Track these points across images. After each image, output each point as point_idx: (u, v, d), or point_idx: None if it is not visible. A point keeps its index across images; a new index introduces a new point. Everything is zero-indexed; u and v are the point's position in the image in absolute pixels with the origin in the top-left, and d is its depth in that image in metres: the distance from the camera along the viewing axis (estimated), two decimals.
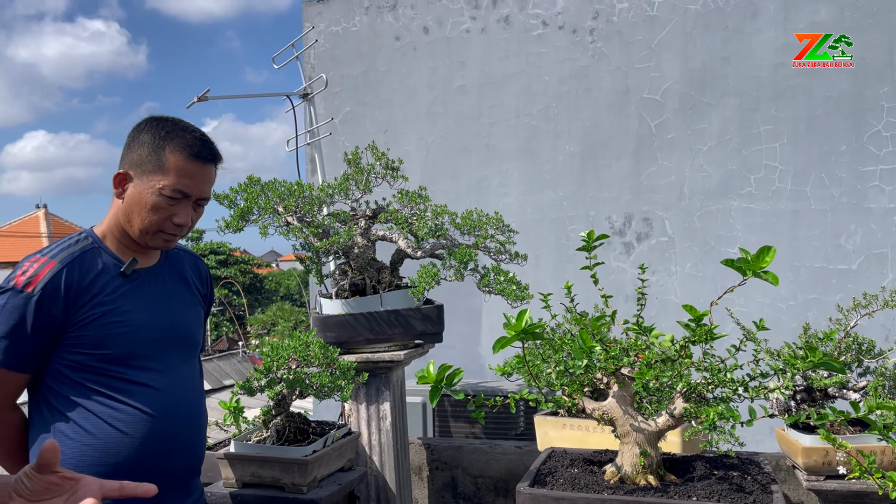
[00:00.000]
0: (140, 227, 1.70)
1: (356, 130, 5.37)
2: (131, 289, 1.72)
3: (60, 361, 1.65)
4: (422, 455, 2.98)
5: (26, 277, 1.61)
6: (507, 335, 1.27)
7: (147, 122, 1.77)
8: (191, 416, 1.77)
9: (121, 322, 1.66)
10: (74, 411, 1.64)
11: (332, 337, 2.48)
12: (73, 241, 1.72)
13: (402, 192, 2.68)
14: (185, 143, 1.71)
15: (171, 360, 1.75)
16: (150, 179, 1.68)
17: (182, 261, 1.92)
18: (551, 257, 4.97)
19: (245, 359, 19.05)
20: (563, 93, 4.95)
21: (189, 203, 1.73)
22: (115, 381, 1.66)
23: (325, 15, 5.56)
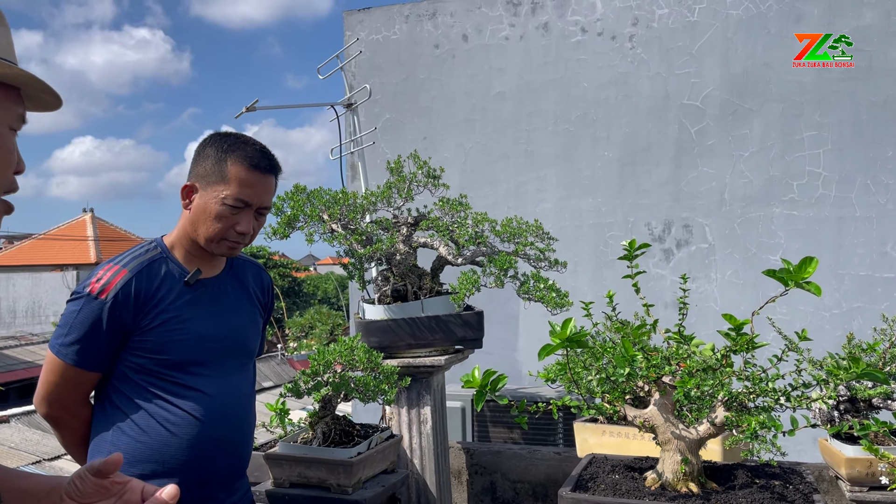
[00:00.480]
0: (205, 236, 1.79)
1: (395, 137, 5.44)
2: (194, 298, 1.81)
3: (125, 363, 1.75)
4: (461, 459, 3.02)
5: (101, 285, 1.72)
6: (552, 342, 1.30)
7: (211, 137, 1.88)
8: (237, 422, 1.85)
9: (180, 330, 1.76)
10: (132, 410, 1.74)
11: (374, 342, 2.54)
12: (143, 250, 1.83)
13: (443, 200, 2.72)
14: (245, 154, 1.80)
15: (225, 368, 1.84)
16: (213, 190, 1.78)
17: (245, 270, 2.00)
18: (589, 263, 4.97)
19: (283, 361, 19.32)
20: (602, 99, 4.95)
21: (251, 212, 1.82)
22: (171, 385, 1.75)
23: (366, 24, 5.64)
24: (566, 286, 2.64)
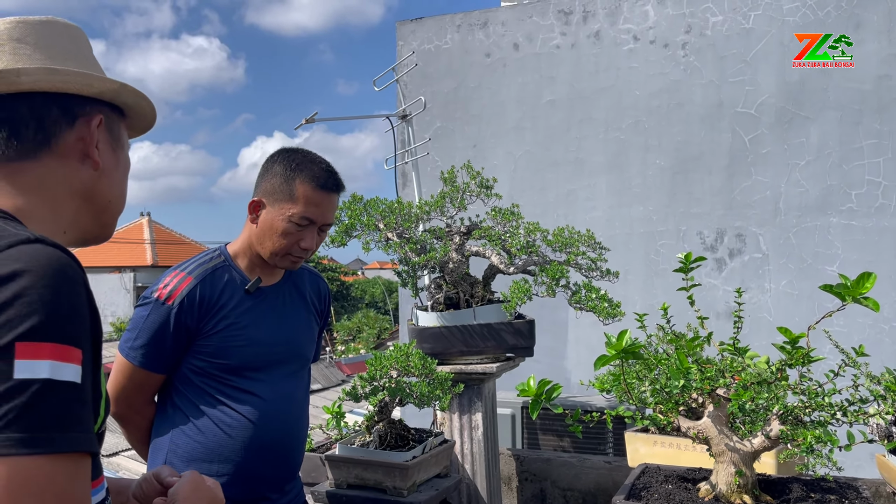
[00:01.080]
0: (271, 250, 1.87)
1: (446, 145, 5.51)
2: (253, 305, 1.89)
3: (187, 365, 1.83)
4: (511, 466, 3.05)
5: (168, 290, 1.81)
6: (607, 353, 1.34)
7: (279, 153, 1.95)
8: (290, 427, 1.92)
9: (239, 336, 1.83)
10: (191, 411, 1.82)
11: (427, 348, 2.59)
12: (208, 258, 1.92)
13: (496, 210, 2.77)
14: (313, 174, 1.87)
15: (280, 373, 1.91)
16: (281, 207, 1.85)
17: (303, 279, 2.08)
18: (640, 272, 4.95)
19: (332, 364, 19.56)
20: (654, 107, 4.94)
21: (315, 228, 1.89)
22: (228, 388, 1.83)
23: (418, 33, 5.73)
24: (616, 295, 2.65)
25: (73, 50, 1.09)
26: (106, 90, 1.08)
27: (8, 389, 0.78)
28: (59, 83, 1.04)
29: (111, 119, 1.11)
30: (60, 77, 1.04)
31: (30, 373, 0.79)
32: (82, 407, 0.83)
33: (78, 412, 0.82)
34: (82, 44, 1.12)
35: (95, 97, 1.08)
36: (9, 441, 0.76)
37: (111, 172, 1.11)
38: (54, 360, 0.81)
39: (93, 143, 1.06)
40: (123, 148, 1.14)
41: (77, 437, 0.81)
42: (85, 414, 0.84)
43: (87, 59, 1.11)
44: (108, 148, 1.10)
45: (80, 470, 0.82)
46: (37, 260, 0.84)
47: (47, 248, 0.87)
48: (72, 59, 1.08)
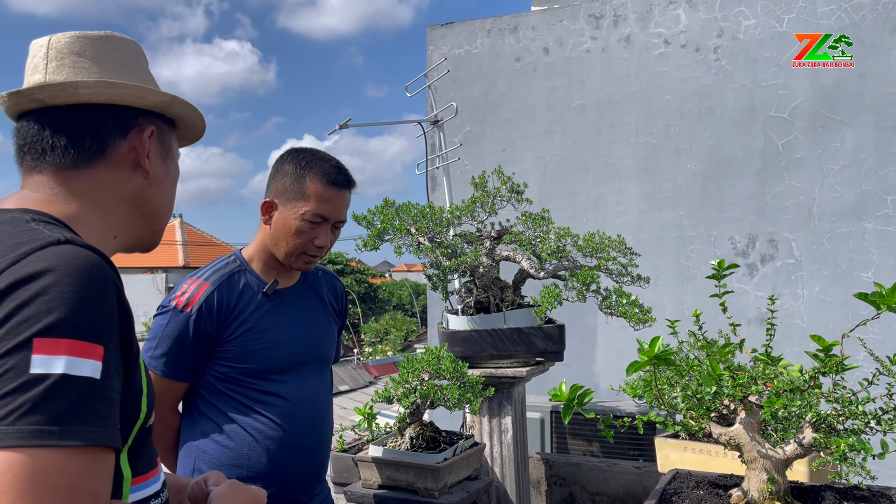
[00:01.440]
0: (285, 250, 1.88)
1: (475, 149, 5.53)
2: (272, 308, 1.90)
3: (210, 372, 1.84)
4: (540, 469, 3.06)
5: (185, 298, 1.82)
6: (639, 359, 1.35)
7: (288, 153, 1.96)
8: (316, 427, 1.94)
9: (260, 339, 1.84)
10: (218, 417, 1.83)
11: (458, 351, 2.62)
12: (223, 263, 1.93)
13: (526, 215, 2.79)
14: (323, 171, 1.88)
15: (303, 375, 1.92)
16: (293, 206, 1.86)
17: (319, 280, 2.09)
18: (670, 277, 4.92)
19: (359, 366, 19.66)
20: (685, 111, 4.91)
21: (328, 226, 1.90)
22: (252, 392, 1.84)
23: (449, 38, 5.76)
24: (646, 300, 2.65)
25: (129, 63, 1.14)
26: (158, 102, 1.13)
27: (24, 383, 0.81)
28: (115, 96, 1.09)
29: (162, 130, 1.17)
30: (116, 90, 1.09)
31: (45, 368, 0.81)
32: (101, 402, 0.85)
33: (95, 407, 0.84)
34: (138, 58, 1.17)
35: (148, 109, 1.13)
36: (21, 433, 0.79)
37: (161, 181, 1.16)
38: (71, 356, 0.83)
39: (144, 153, 1.11)
40: (173, 157, 1.20)
41: (92, 431, 0.83)
42: (104, 409, 0.85)
43: (143, 72, 1.17)
44: (159, 158, 1.15)
45: (98, 464, 0.84)
46: (62, 260, 0.88)
47: (76, 248, 0.91)
48: (127, 72, 1.13)
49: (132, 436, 1.01)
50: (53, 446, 0.79)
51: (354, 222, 2.70)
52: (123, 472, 1.01)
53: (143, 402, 1.02)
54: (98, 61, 1.11)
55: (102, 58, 1.12)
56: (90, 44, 1.12)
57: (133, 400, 0.99)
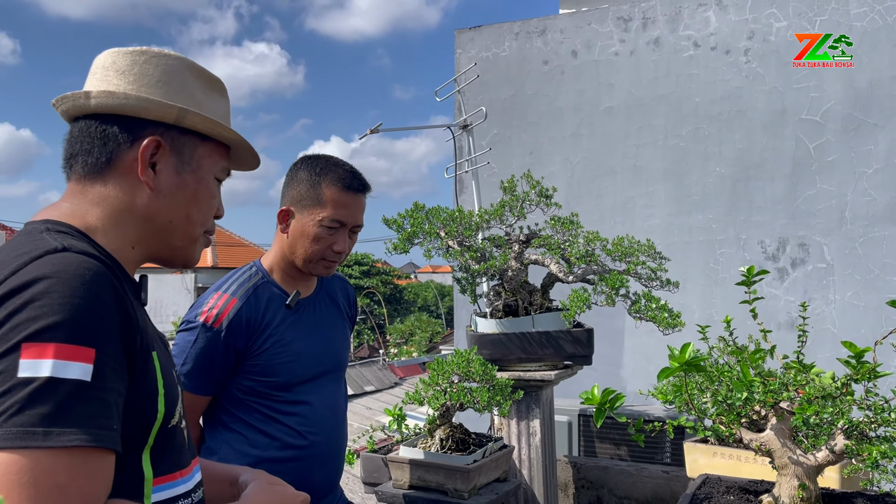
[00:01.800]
0: (304, 257, 1.89)
1: (503, 152, 5.55)
2: (294, 319, 1.92)
3: (235, 386, 1.86)
4: (568, 472, 3.07)
5: (214, 314, 1.82)
6: (670, 365, 1.36)
7: (302, 161, 1.96)
8: (335, 435, 1.96)
9: (285, 352, 1.86)
10: (243, 428, 1.85)
11: (486, 354, 2.64)
12: (247, 276, 1.93)
13: (555, 219, 2.80)
14: (338, 177, 1.89)
15: (323, 384, 1.95)
16: (310, 213, 1.88)
17: (334, 286, 2.12)
18: (699, 281, 4.89)
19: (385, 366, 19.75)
20: (715, 114, 4.88)
21: (345, 231, 1.91)
22: (277, 403, 1.86)
23: (477, 41, 5.79)
24: (674, 304, 2.64)
25: (156, 76, 1.14)
26: (166, 114, 1.11)
27: (11, 387, 0.83)
28: (117, 106, 1.10)
29: (179, 142, 1.14)
30: (118, 100, 1.10)
31: (32, 371, 0.84)
32: (91, 404, 0.86)
33: (83, 409, 0.86)
34: (171, 71, 1.16)
35: (157, 120, 1.12)
36: (8, 435, 0.81)
37: (171, 194, 1.13)
38: (58, 360, 0.85)
39: (143, 164, 1.10)
40: (194, 171, 1.16)
41: (78, 432, 0.84)
42: (94, 410, 0.87)
43: (171, 85, 1.15)
44: (171, 170, 1.13)
45: (88, 465, 0.85)
46: (56, 267, 0.91)
47: (72, 255, 0.93)
48: (150, 85, 1.13)
49: (152, 436, 1.03)
50: (37, 447, 0.82)
51: (385, 226, 2.73)
52: (144, 472, 1.02)
53: (160, 402, 1.03)
54: (123, 73, 1.13)
55: (128, 70, 1.13)
56: (121, 57, 1.14)
57: (147, 400, 1.01)
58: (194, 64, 1.20)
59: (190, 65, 1.19)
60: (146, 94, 1.12)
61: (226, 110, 1.24)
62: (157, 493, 1.04)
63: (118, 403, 0.92)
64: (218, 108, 1.21)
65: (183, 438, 1.13)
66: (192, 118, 1.13)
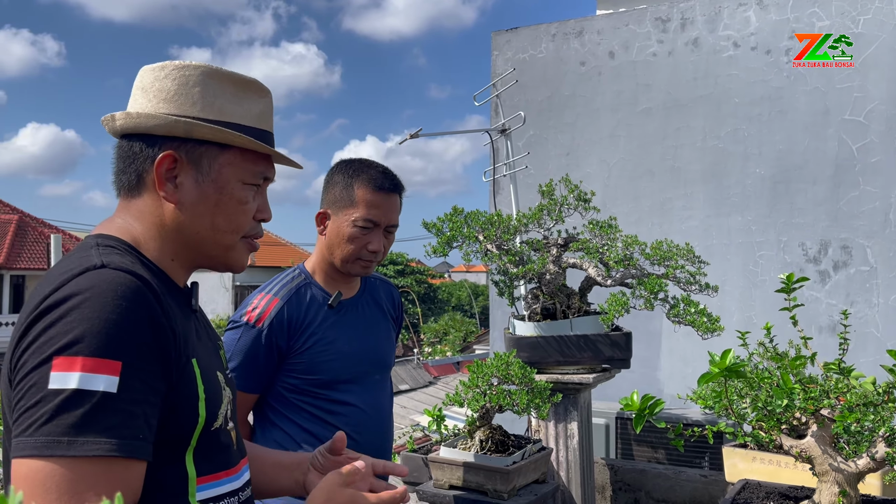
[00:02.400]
0: (341, 257, 1.95)
1: (539, 153, 5.56)
2: (337, 320, 1.98)
3: (280, 384, 1.92)
4: (605, 475, 3.08)
5: (256, 314, 1.90)
6: (710, 371, 1.38)
7: (338, 165, 2.04)
8: (381, 433, 2.02)
9: (327, 351, 1.92)
10: (289, 426, 1.92)
11: (524, 357, 2.67)
12: (290, 278, 2.01)
13: (593, 223, 2.82)
14: (370, 177, 1.95)
15: (368, 382, 2.00)
16: (344, 214, 1.94)
17: (377, 289, 2.17)
18: (737, 283, 4.85)
19: (419, 365, 19.87)
20: (755, 115, 4.83)
21: (380, 231, 1.97)
22: (321, 402, 1.92)
23: (513, 43, 5.81)
24: (713, 306, 2.64)
25: (172, 90, 1.16)
26: (174, 129, 1.14)
27: (42, 398, 0.90)
28: (134, 126, 1.15)
29: (196, 154, 1.16)
30: (133, 120, 1.14)
31: (60, 383, 0.90)
32: (116, 415, 0.91)
33: (108, 420, 0.90)
34: (190, 83, 1.17)
35: (170, 135, 1.14)
36: (36, 444, 0.88)
37: (193, 206, 1.16)
38: (85, 372, 0.90)
39: (159, 179, 1.14)
40: (214, 181, 1.17)
41: (101, 442, 0.89)
42: (119, 421, 0.91)
43: (187, 96, 1.16)
44: (193, 182, 1.16)
45: (111, 473, 0.90)
46: (91, 284, 0.97)
47: (108, 272, 0.99)
48: (168, 99, 1.15)
49: (194, 438, 1.08)
50: (62, 456, 0.87)
51: (425, 230, 2.78)
52: (188, 471, 1.08)
53: (201, 407, 1.08)
54: (145, 91, 1.17)
55: (149, 87, 1.17)
56: (146, 75, 1.19)
57: (188, 405, 1.06)
58: (219, 70, 1.20)
59: (213, 72, 1.19)
60: (163, 109, 1.14)
61: (260, 110, 1.23)
62: (201, 492, 1.10)
63: (148, 413, 0.97)
64: (249, 109, 1.21)
65: (229, 440, 1.18)
66: (200, 130, 1.14)
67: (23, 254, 25.86)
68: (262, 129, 1.22)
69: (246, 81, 1.23)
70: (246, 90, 1.22)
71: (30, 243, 26.45)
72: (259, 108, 1.23)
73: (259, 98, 1.24)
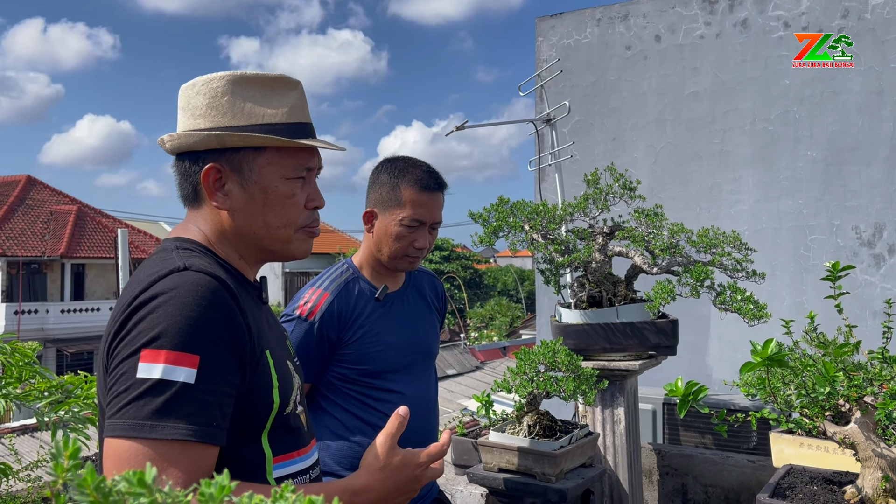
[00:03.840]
0: (389, 255, 2.04)
1: (584, 139, 5.56)
2: (384, 312, 2.07)
3: (330, 374, 2.02)
4: (652, 460, 3.12)
5: (308, 307, 2.00)
6: (752, 360, 1.42)
7: (383, 164, 2.12)
8: (428, 422, 2.10)
9: (375, 342, 2.01)
10: (340, 414, 2.01)
11: (570, 344, 2.72)
12: (339, 272, 2.11)
13: (639, 211, 2.84)
14: (415, 178, 2.02)
15: (414, 372, 2.09)
16: (391, 214, 2.02)
17: (422, 281, 2.26)
18: (788, 268, 4.79)
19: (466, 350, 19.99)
20: (806, 96, 4.74)
21: (425, 229, 2.05)
22: (369, 390, 2.01)
23: (558, 29, 5.80)
24: (764, 292, 2.65)
25: (202, 105, 1.23)
26: (209, 143, 1.21)
27: (130, 385, 1.01)
28: (177, 146, 1.24)
29: (235, 160, 1.22)
30: (176, 141, 1.24)
31: (147, 373, 1.00)
32: (193, 404, 1.01)
33: (185, 408, 1.00)
34: (218, 93, 1.23)
35: (208, 149, 1.22)
36: (125, 425, 0.98)
37: (244, 209, 1.23)
38: (168, 364, 1.01)
39: (208, 191, 1.22)
40: (257, 183, 1.23)
41: (179, 427, 0.99)
42: (195, 409, 1.01)
43: (217, 108, 1.23)
44: (239, 188, 1.23)
45: (186, 456, 1.00)
46: (176, 284, 1.07)
47: (192, 274, 1.09)
48: (201, 115, 1.23)
49: (269, 422, 1.18)
50: (145, 438, 0.98)
51: (472, 220, 2.84)
52: (265, 452, 1.18)
53: (275, 394, 1.18)
54: (184, 110, 1.26)
55: (186, 105, 1.26)
56: (183, 93, 1.27)
57: (263, 394, 1.16)
58: (244, 75, 1.25)
59: (238, 78, 1.25)
60: (199, 125, 1.22)
61: (291, 103, 1.27)
62: (277, 470, 1.21)
63: (223, 402, 1.07)
64: (279, 105, 1.25)
65: (300, 422, 1.28)
66: (230, 139, 1.21)
67: (82, 243, 26.83)
68: (295, 123, 1.27)
69: (272, 79, 1.27)
70: (274, 87, 1.27)
71: (89, 233, 27.41)
72: (290, 101, 1.28)
73: (289, 91, 1.28)
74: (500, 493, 2.23)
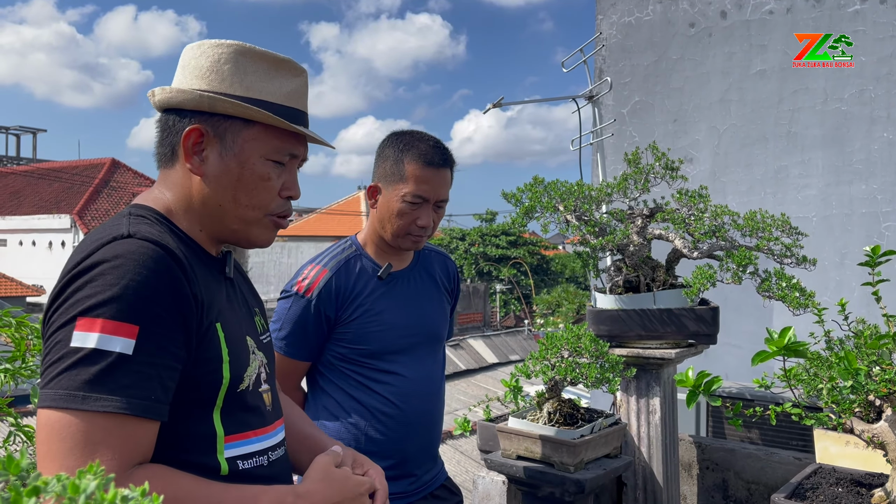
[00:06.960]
0: (391, 232, 1.96)
1: (644, 120, 5.35)
2: (387, 291, 1.99)
3: (329, 353, 1.97)
4: (692, 452, 2.98)
5: (306, 284, 1.95)
6: (768, 349, 1.31)
7: (389, 138, 2.02)
8: (429, 405, 2.02)
9: (376, 321, 1.94)
10: (338, 394, 1.96)
11: (604, 330, 2.61)
12: (340, 249, 2.04)
13: (682, 192, 2.70)
14: (419, 152, 1.93)
15: (417, 354, 2.01)
16: (394, 189, 1.94)
17: (432, 261, 2.17)
18: (859, 255, 4.48)
19: (530, 336, 19.88)
20: (884, 74, 4.42)
21: (429, 206, 1.95)
22: (369, 371, 1.95)
23: (619, 6, 5.60)
24: (831, 280, 2.47)
25: (205, 66, 1.20)
26: (200, 103, 1.18)
27: (64, 354, 0.97)
28: (167, 100, 1.20)
29: (221, 128, 1.19)
30: (166, 95, 1.20)
31: (81, 342, 0.97)
32: (129, 375, 0.97)
33: (121, 379, 0.97)
34: (223, 59, 1.21)
35: (197, 110, 1.18)
36: (56, 396, 0.95)
37: (217, 179, 1.19)
38: (104, 334, 0.97)
39: (185, 151, 1.19)
40: (237, 156, 1.19)
41: (113, 400, 0.95)
42: (131, 381, 0.97)
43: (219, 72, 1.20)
44: (217, 156, 1.19)
45: (122, 430, 0.96)
46: (117, 252, 1.03)
47: (134, 241, 1.05)
48: (200, 76, 1.20)
49: (219, 398, 1.13)
50: (76, 409, 0.94)
51: (504, 200, 2.76)
52: (216, 429, 1.14)
53: (225, 369, 1.13)
54: (183, 68, 1.23)
55: (187, 64, 1.23)
56: (187, 52, 1.25)
57: (211, 367, 1.12)
58: (252, 49, 1.23)
59: (246, 50, 1.23)
60: (195, 85, 1.19)
61: (292, 88, 1.25)
62: (229, 449, 1.16)
63: (164, 376, 1.03)
64: (280, 87, 1.23)
65: (260, 401, 1.23)
66: (222, 105, 1.17)
67: None
68: (292, 108, 1.24)
69: (280, 60, 1.25)
70: (279, 68, 1.25)
71: None
72: (291, 86, 1.25)
73: (293, 77, 1.26)
74: (518, 480, 2.17)
